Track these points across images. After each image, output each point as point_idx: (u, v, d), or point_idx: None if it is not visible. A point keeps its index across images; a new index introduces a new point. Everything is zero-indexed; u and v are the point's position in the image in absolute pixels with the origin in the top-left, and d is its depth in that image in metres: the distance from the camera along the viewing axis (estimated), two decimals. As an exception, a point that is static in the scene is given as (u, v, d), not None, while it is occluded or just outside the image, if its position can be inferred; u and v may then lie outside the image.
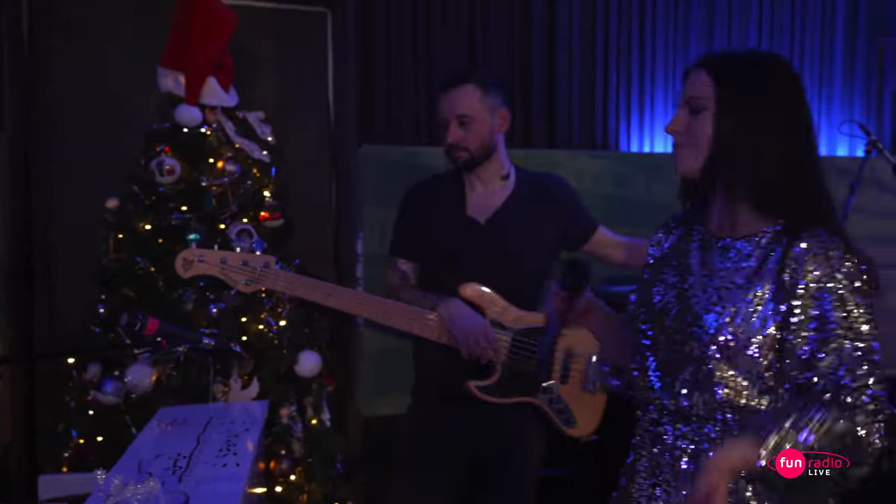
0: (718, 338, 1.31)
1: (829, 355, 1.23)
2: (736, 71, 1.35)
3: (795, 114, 1.34)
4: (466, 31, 3.20)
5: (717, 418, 1.34)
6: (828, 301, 1.25)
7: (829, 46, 3.76)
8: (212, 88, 2.57)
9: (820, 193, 1.34)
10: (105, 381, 2.43)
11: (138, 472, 1.70)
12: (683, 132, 1.36)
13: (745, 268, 1.34)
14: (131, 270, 2.52)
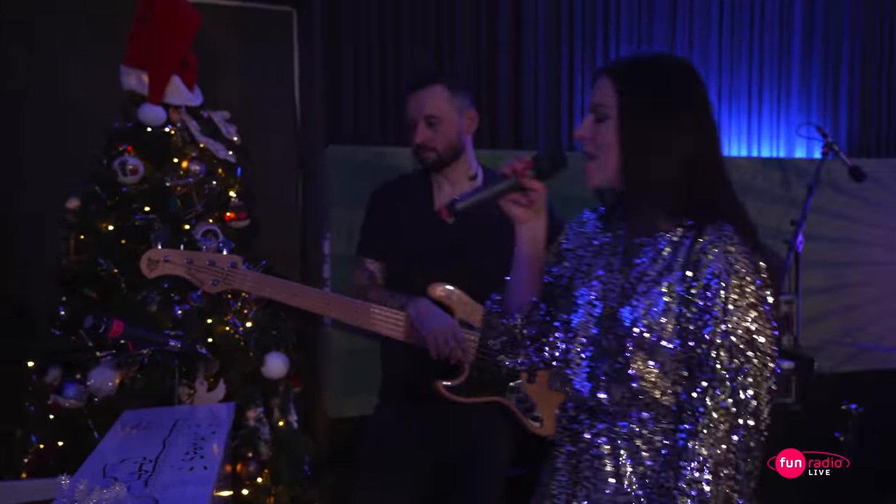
0: (633, 330, 1.34)
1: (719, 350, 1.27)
2: (637, 78, 1.38)
3: (697, 117, 1.36)
4: (433, 32, 3.21)
5: (631, 415, 1.37)
6: (720, 295, 1.28)
7: (788, 46, 3.84)
8: (176, 87, 2.53)
9: (725, 192, 1.38)
10: (66, 385, 2.39)
11: (103, 476, 1.67)
12: (589, 139, 1.40)
13: (658, 263, 1.37)
14: (93, 272, 2.47)
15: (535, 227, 1.47)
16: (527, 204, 1.45)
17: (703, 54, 3.68)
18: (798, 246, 2.99)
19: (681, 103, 1.36)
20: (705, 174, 1.35)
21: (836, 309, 3.76)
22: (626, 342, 1.35)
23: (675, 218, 1.37)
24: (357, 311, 2.18)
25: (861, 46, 3.96)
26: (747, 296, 1.28)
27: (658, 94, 1.36)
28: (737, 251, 1.30)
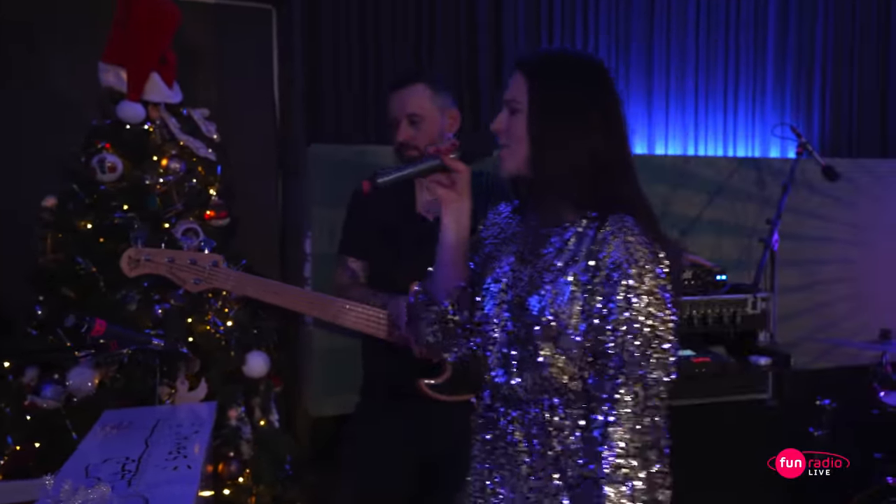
0: (542, 318, 1.37)
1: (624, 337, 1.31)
2: (548, 75, 1.43)
3: (605, 115, 1.40)
4: (413, 30, 3.21)
5: (543, 401, 1.41)
6: (620, 283, 1.32)
7: (762, 47, 3.90)
8: (155, 84, 2.50)
9: (629, 185, 1.42)
10: (44, 385, 2.35)
11: (86, 476, 1.66)
12: (504, 131, 1.45)
13: (564, 253, 1.41)
14: (72, 271, 2.44)
15: (459, 210, 1.50)
16: (449, 185, 1.49)
17: (681, 53, 3.73)
18: (774, 244, 3.03)
19: (589, 101, 1.40)
20: (610, 169, 1.40)
21: (810, 306, 3.82)
22: (535, 330, 1.38)
23: (581, 209, 1.42)
24: (339, 310, 2.19)
25: (833, 49, 4.04)
26: (647, 284, 1.32)
27: (567, 92, 1.40)
28: (636, 241, 1.34)
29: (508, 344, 1.44)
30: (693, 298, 2.71)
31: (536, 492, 1.42)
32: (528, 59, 1.47)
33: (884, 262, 4.00)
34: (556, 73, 1.43)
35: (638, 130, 3.67)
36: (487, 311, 1.49)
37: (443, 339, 1.58)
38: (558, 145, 1.39)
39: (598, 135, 1.39)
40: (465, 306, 1.54)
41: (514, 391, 1.44)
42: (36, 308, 2.46)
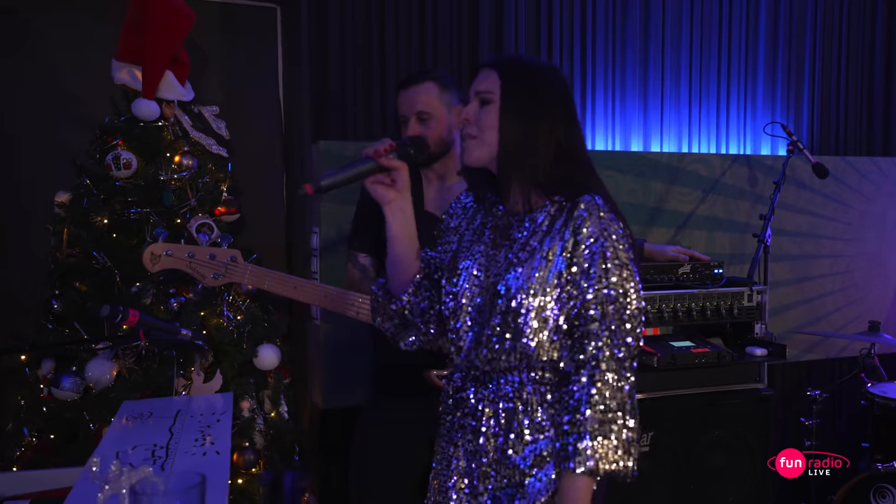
0: (517, 296, 1.47)
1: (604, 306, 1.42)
2: (518, 73, 1.55)
3: (566, 111, 1.54)
4: (417, 30, 3.25)
5: (514, 378, 1.50)
6: (598, 256, 1.44)
7: (754, 49, 3.98)
8: (169, 83, 2.54)
9: (588, 172, 1.56)
10: (63, 377, 2.38)
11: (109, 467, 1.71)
12: (474, 122, 1.54)
13: (537, 234, 1.51)
14: (88, 265, 2.47)
15: (403, 209, 1.59)
16: (389, 183, 1.57)
17: (675, 54, 3.78)
18: (767, 239, 3.10)
19: (552, 98, 1.53)
20: (571, 157, 1.53)
21: (800, 300, 3.89)
22: (512, 306, 1.47)
23: (548, 194, 1.53)
24: (353, 303, 2.24)
25: (822, 50, 4.09)
26: (620, 257, 1.45)
27: (537, 88, 1.53)
28: (607, 217, 1.47)
29: (481, 324, 1.53)
30: (692, 291, 2.78)
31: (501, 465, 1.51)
32: (501, 58, 1.64)
33: (872, 257, 4.07)
34: (527, 71, 1.56)
35: (634, 129, 3.71)
36: (460, 295, 1.57)
37: (401, 330, 1.68)
38: (529, 135, 1.50)
39: (562, 127, 1.52)
40: (424, 296, 1.64)
41: (486, 369, 1.53)
42: (52, 302, 2.50)
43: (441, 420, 1.64)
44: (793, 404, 3.75)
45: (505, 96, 1.52)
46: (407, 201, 1.60)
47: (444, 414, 1.63)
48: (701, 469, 2.82)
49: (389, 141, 1.60)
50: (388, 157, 1.57)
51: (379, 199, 1.59)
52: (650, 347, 2.65)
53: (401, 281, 1.63)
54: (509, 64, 1.58)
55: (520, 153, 1.51)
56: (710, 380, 2.83)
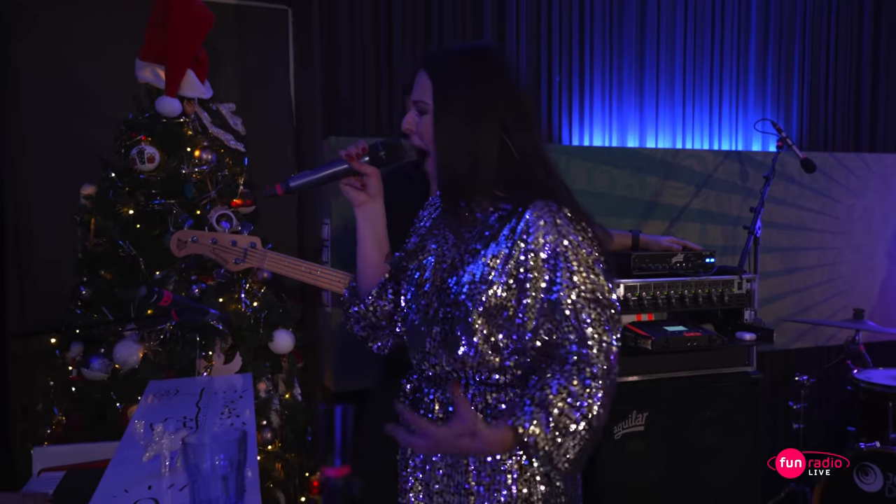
0: (459, 297, 1.42)
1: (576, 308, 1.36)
2: (452, 76, 1.45)
3: (507, 108, 1.44)
4: (423, 30, 3.39)
5: (459, 377, 1.46)
6: (560, 265, 1.37)
7: (745, 48, 4.10)
8: (190, 81, 2.68)
9: (545, 173, 1.47)
10: (92, 359, 2.52)
11: (152, 431, 1.85)
12: (415, 131, 1.50)
13: (485, 236, 1.45)
14: (114, 253, 2.61)
15: (372, 212, 1.56)
16: (361, 187, 1.54)
17: (670, 53, 3.91)
18: (757, 231, 3.24)
19: (493, 98, 1.43)
20: (522, 158, 1.44)
21: (790, 290, 4.03)
22: (454, 308, 1.43)
23: (495, 199, 1.46)
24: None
25: (811, 50, 4.22)
26: (583, 260, 1.37)
27: (469, 92, 1.43)
28: (563, 222, 1.39)
29: (432, 324, 1.47)
30: (685, 279, 2.91)
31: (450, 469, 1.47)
32: (432, 60, 1.49)
33: (859, 249, 4.21)
34: (460, 75, 1.45)
35: (630, 125, 3.85)
36: (409, 297, 1.54)
37: (371, 332, 1.63)
38: (464, 144, 1.42)
39: (501, 129, 1.43)
40: (389, 298, 1.59)
41: (436, 370, 1.49)
42: (80, 288, 2.63)
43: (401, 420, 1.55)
44: (782, 390, 3.89)
45: (436, 107, 1.44)
46: (377, 205, 1.57)
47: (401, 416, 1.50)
48: (693, 447, 2.94)
49: (364, 143, 1.57)
50: (360, 161, 1.54)
51: (351, 201, 1.57)
52: (645, 332, 2.78)
53: (368, 283, 1.60)
54: (443, 67, 1.47)
55: (455, 163, 1.43)
56: (702, 363, 2.94)
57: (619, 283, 2.81)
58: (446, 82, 1.45)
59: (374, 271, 1.59)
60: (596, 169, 3.61)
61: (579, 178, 3.56)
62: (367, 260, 1.60)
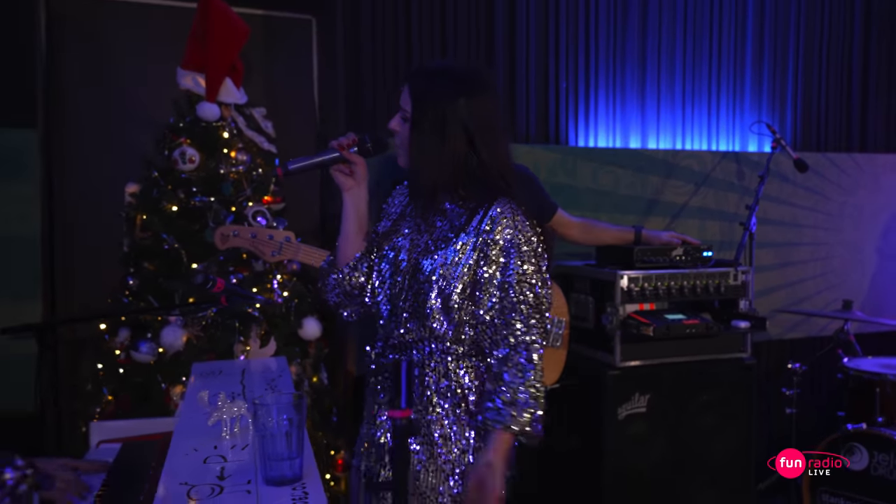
0: (431, 277, 1.69)
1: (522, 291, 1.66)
2: (428, 95, 1.68)
3: (478, 123, 1.68)
4: (439, 39, 3.59)
5: (423, 346, 1.73)
6: (514, 254, 1.67)
7: (741, 53, 4.29)
8: (228, 88, 2.89)
9: (504, 178, 1.73)
10: (140, 343, 2.73)
11: (201, 404, 2.06)
12: (398, 133, 1.75)
13: (455, 226, 1.71)
14: (159, 247, 2.83)
15: (358, 196, 1.80)
16: (349, 174, 1.77)
17: (670, 58, 4.10)
18: (752, 227, 3.45)
19: (461, 117, 1.66)
20: (486, 165, 1.70)
21: (783, 283, 4.24)
22: (426, 286, 1.69)
23: (460, 198, 1.73)
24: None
25: (804, 55, 4.41)
26: (533, 253, 1.68)
27: (443, 111, 1.66)
28: (520, 220, 1.69)
29: (401, 298, 1.73)
30: (684, 271, 3.12)
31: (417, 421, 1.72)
32: (416, 76, 1.74)
33: (850, 245, 4.43)
34: (436, 94, 1.67)
35: (633, 127, 4.05)
36: (383, 271, 1.77)
37: (343, 299, 1.85)
38: (431, 156, 1.67)
39: (468, 145, 1.68)
40: (363, 271, 1.82)
41: (403, 338, 1.74)
42: (128, 279, 2.86)
43: (366, 382, 1.87)
44: (776, 377, 4.10)
45: (414, 121, 1.67)
46: (362, 189, 1.80)
47: (367, 377, 1.85)
48: (692, 428, 3.14)
49: (353, 136, 1.76)
50: (349, 150, 1.74)
51: (339, 185, 1.79)
52: (647, 319, 2.99)
53: (346, 256, 1.81)
54: (422, 86, 1.69)
55: (424, 164, 1.69)
56: (700, 349, 3.16)
57: (623, 275, 3.02)
58: (422, 96, 1.68)
59: (353, 246, 1.82)
60: (601, 169, 3.82)
61: (585, 177, 3.77)
62: (350, 236, 1.82)
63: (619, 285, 3.01)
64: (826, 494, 3.34)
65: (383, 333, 1.80)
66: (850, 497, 3.28)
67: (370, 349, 1.84)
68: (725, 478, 3.21)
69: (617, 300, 3.01)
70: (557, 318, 3.04)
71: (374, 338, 1.84)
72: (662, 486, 3.11)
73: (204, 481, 1.49)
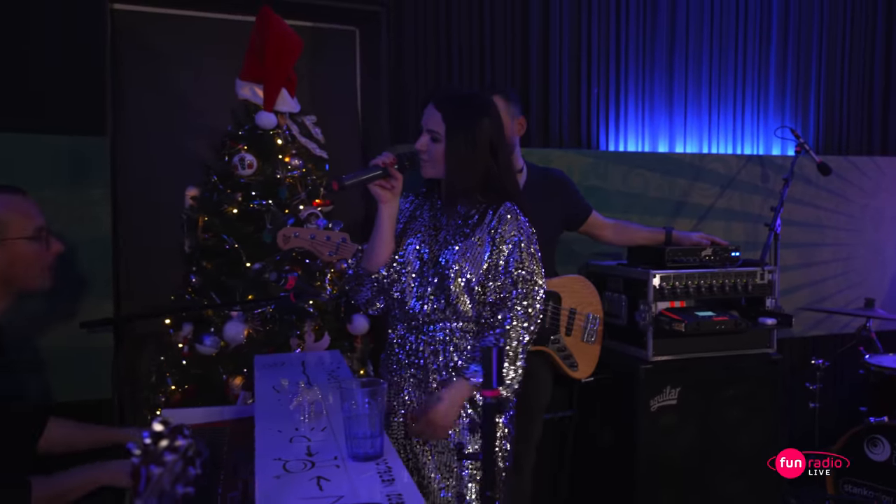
0: (453, 266, 2.01)
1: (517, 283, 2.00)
2: (458, 114, 2.02)
3: (496, 143, 2.04)
4: (478, 49, 3.75)
5: (445, 325, 2.04)
6: (515, 249, 2.02)
7: (766, 59, 4.43)
8: (284, 97, 3.07)
9: (513, 187, 2.10)
10: (205, 336, 2.92)
11: (276, 392, 2.23)
12: (427, 152, 2.05)
13: (469, 224, 2.06)
14: (220, 247, 3.00)
15: (393, 207, 2.08)
16: (390, 188, 2.04)
17: (697, 65, 4.23)
18: (777, 228, 3.59)
19: (487, 134, 2.02)
20: (498, 177, 2.06)
21: (806, 282, 4.37)
22: (445, 273, 2.00)
23: (477, 200, 2.07)
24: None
25: (826, 61, 4.53)
26: (532, 250, 2.04)
27: (473, 129, 2.00)
28: (522, 220, 2.06)
29: (423, 285, 2.04)
30: (713, 270, 3.26)
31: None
32: (445, 99, 2.05)
33: (871, 246, 4.55)
34: (466, 116, 2.02)
35: (661, 132, 4.19)
36: (406, 262, 2.07)
37: (374, 295, 2.14)
38: (467, 165, 2.02)
39: (492, 157, 2.04)
40: (395, 269, 2.10)
41: (420, 320, 2.06)
42: (190, 277, 3.04)
43: (387, 363, 2.17)
44: (800, 373, 4.23)
45: (448, 138, 2.00)
46: (396, 204, 2.09)
47: (390, 356, 2.16)
48: (720, 420, 3.29)
49: (391, 156, 2.04)
50: (393, 167, 2.03)
51: (378, 198, 2.06)
52: (678, 316, 3.14)
53: (381, 257, 2.09)
54: (452, 108, 2.02)
55: (458, 177, 2.03)
56: (728, 345, 3.30)
57: (656, 274, 3.17)
58: (454, 118, 2.01)
59: (388, 249, 2.10)
60: (630, 172, 3.97)
61: (615, 180, 3.93)
62: (386, 242, 2.10)
63: (652, 284, 3.16)
64: (849, 485, 3.48)
65: (406, 316, 2.09)
66: (872, 487, 3.42)
67: (392, 335, 2.16)
68: (753, 468, 3.35)
69: (650, 298, 3.17)
70: (592, 314, 3.19)
71: (394, 324, 2.15)
72: (693, 476, 3.26)
73: (295, 457, 1.67)
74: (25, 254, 1.91)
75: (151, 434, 1.06)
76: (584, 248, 3.65)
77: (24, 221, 1.91)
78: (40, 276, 1.97)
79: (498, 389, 1.24)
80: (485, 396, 1.24)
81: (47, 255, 1.97)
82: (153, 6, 3.44)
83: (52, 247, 1.99)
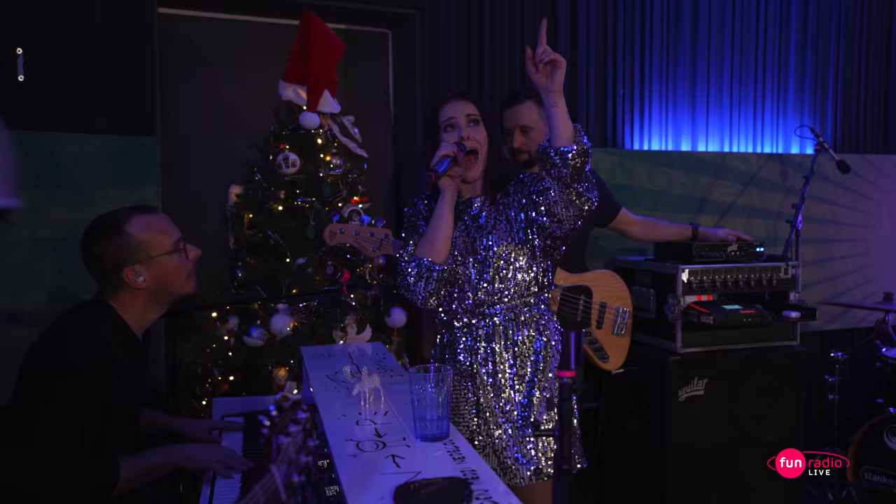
0: (496, 249, 2.15)
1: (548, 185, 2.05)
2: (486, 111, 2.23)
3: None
4: (508, 52, 3.86)
5: (504, 301, 2.16)
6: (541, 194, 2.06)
7: (786, 60, 4.54)
8: (326, 99, 3.18)
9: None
10: (252, 329, 3.03)
11: (332, 381, 2.33)
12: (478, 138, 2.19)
13: (499, 207, 2.19)
14: (265, 242, 3.12)
15: (455, 196, 2.18)
16: (455, 175, 2.15)
17: (719, 67, 4.34)
18: (798, 224, 3.69)
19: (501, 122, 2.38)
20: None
21: (825, 277, 4.47)
22: (492, 254, 2.14)
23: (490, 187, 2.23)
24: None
25: (844, 62, 4.63)
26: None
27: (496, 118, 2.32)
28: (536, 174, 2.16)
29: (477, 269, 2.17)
30: (739, 265, 3.36)
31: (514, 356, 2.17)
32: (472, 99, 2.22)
33: (887, 241, 4.64)
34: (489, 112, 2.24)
35: (684, 131, 4.30)
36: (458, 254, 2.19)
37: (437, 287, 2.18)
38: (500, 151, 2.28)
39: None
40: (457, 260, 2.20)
41: (472, 300, 2.17)
42: (237, 272, 3.16)
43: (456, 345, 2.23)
44: (819, 365, 4.34)
45: (487, 128, 2.18)
46: (456, 191, 2.20)
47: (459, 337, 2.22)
48: (746, 410, 3.38)
49: (453, 145, 2.12)
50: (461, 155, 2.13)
51: (444, 189, 2.15)
52: (706, 309, 3.24)
53: (447, 250, 2.18)
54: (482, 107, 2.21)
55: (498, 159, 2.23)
56: (753, 338, 3.40)
57: (684, 269, 3.27)
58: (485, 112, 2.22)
59: (450, 240, 2.19)
60: (655, 170, 4.08)
61: (640, 177, 4.03)
62: (450, 232, 2.18)
63: (681, 278, 3.27)
64: (869, 473, 3.58)
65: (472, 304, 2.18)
66: (892, 475, 3.52)
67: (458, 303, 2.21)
68: (776, 455, 3.44)
69: (678, 291, 3.27)
70: (622, 307, 3.30)
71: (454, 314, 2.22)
72: (719, 464, 3.36)
73: (366, 438, 1.78)
74: (170, 267, 2.03)
75: (277, 407, 1.18)
76: (611, 243, 3.76)
77: (163, 238, 2.03)
78: (186, 283, 2.10)
79: (574, 370, 1.35)
80: (561, 377, 1.35)
81: (187, 262, 2.09)
82: (198, 10, 3.55)
83: (191, 253, 2.12)
